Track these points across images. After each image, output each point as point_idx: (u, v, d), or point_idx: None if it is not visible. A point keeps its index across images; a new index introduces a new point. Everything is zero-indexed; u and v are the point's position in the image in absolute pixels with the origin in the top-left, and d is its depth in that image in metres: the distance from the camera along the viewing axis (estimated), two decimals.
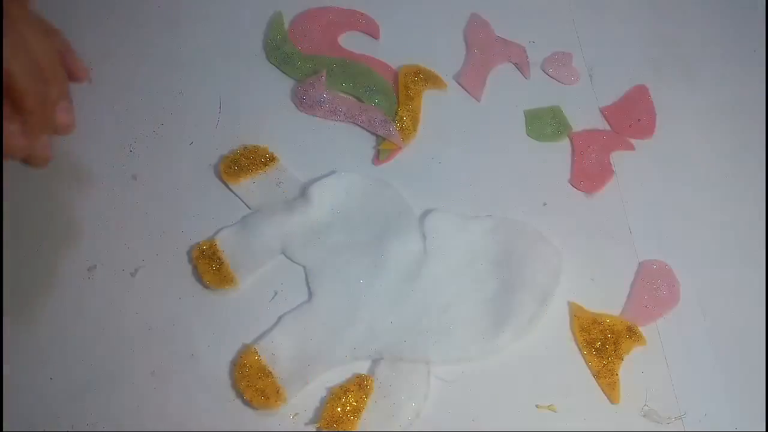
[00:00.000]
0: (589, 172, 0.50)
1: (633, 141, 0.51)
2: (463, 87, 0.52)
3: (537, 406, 0.42)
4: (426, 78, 0.51)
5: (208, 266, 0.43)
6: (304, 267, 0.44)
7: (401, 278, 0.44)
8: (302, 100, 0.50)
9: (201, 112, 0.49)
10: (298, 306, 0.43)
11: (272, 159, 0.47)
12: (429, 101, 0.51)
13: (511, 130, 0.51)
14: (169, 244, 0.45)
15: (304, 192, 0.46)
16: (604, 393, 0.42)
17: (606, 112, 0.52)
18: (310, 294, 0.43)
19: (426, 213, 0.46)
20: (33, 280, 0.43)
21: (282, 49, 0.52)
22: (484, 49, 0.54)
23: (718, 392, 0.43)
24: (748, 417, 0.42)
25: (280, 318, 0.43)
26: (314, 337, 0.42)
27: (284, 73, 0.51)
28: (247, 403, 0.40)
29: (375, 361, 0.42)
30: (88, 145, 0.48)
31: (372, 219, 0.46)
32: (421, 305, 0.43)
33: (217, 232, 0.45)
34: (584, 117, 0.52)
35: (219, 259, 0.43)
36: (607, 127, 0.52)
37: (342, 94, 0.50)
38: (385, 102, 0.50)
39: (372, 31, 0.54)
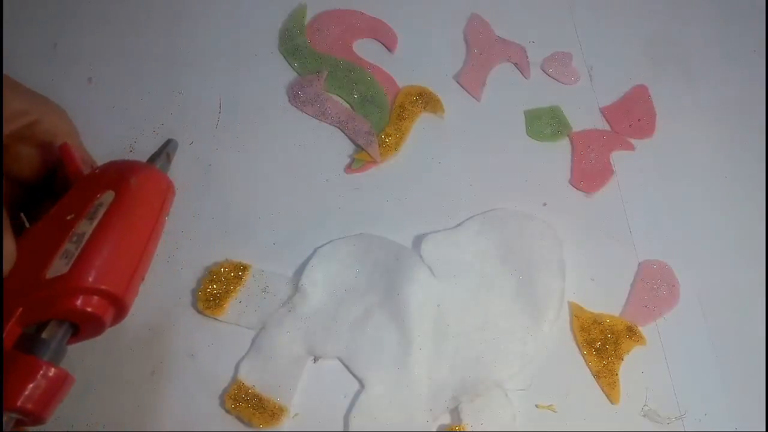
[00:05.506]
0: (589, 172, 0.50)
1: (633, 141, 0.51)
2: (463, 87, 0.52)
3: (537, 406, 0.42)
4: (426, 101, 0.51)
5: (250, 410, 0.40)
6: (339, 359, 0.42)
7: (432, 321, 0.43)
8: (297, 95, 0.50)
9: (201, 112, 0.49)
10: (358, 399, 0.41)
11: (244, 268, 0.43)
12: (423, 123, 0.50)
13: (511, 130, 0.51)
14: (169, 244, 0.45)
15: (295, 285, 0.43)
16: (604, 393, 0.42)
17: (606, 112, 0.52)
18: (362, 383, 0.41)
19: (417, 242, 0.45)
20: None
21: (295, 41, 0.52)
22: (484, 49, 0.54)
23: (718, 392, 0.43)
24: (748, 417, 0.42)
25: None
26: (390, 421, 0.40)
27: (290, 65, 0.51)
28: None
29: (454, 410, 0.41)
30: (88, 145, 0.48)
31: (375, 276, 0.44)
32: (462, 336, 0.42)
33: (236, 370, 0.41)
34: (584, 117, 0.52)
35: (255, 396, 0.40)
36: (607, 127, 0.52)
37: (336, 98, 0.50)
38: (377, 115, 0.50)
39: (390, 43, 0.53)
